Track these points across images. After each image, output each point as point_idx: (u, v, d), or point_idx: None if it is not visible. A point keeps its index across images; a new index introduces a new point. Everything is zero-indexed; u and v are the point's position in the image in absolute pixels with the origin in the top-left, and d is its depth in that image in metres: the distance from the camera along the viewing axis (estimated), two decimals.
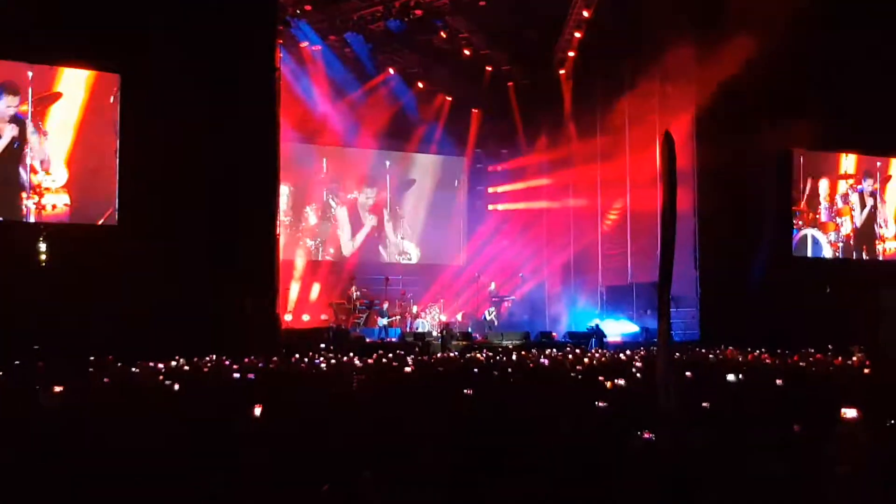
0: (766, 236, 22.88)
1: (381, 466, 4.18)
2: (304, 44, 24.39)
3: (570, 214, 27.86)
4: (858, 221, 25.76)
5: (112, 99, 18.92)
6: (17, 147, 18.31)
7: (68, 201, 18.61)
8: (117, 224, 18.68)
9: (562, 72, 26.18)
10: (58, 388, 7.37)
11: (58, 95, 18.64)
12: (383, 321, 24.84)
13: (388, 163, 28.94)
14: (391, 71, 26.55)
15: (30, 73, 18.47)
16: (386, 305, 25.41)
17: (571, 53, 25.29)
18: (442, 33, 24.94)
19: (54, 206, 18.50)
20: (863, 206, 25.86)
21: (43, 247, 17.39)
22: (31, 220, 18.31)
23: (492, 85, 27.46)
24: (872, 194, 25.97)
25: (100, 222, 18.76)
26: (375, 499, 3.87)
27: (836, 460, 4.35)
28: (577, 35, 24.51)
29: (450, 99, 27.83)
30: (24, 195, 18.33)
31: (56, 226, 18.22)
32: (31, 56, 18.30)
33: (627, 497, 3.99)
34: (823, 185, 25.25)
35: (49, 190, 18.49)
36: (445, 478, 4.19)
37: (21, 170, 18.31)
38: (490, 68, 26.83)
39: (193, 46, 18.38)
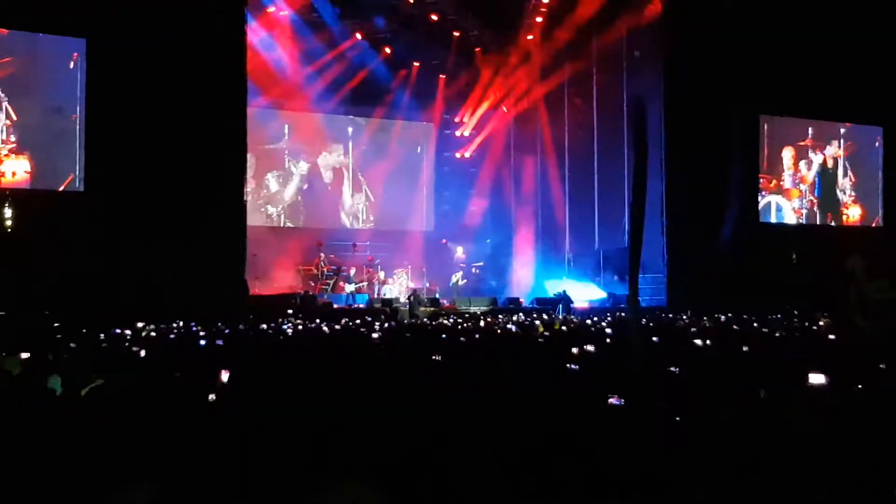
0: (733, 202, 23.01)
1: None
2: (271, 9, 24.05)
3: (538, 180, 27.91)
4: (821, 188, 25.99)
5: (72, 64, 18.60)
6: None
7: (28, 168, 18.35)
8: (84, 190, 18.47)
9: (529, 37, 26.09)
10: (24, 355, 7.26)
11: (14, 62, 18.26)
12: (351, 287, 24.80)
13: (350, 129, 28.73)
14: (358, 36, 26.26)
15: None
16: (353, 271, 25.37)
17: (539, 19, 25.20)
18: None
19: (14, 174, 18.22)
20: (824, 172, 26.08)
21: (8, 213, 17.13)
22: None
23: (459, 50, 27.30)
24: (835, 161, 26.20)
25: (60, 188, 18.53)
26: None
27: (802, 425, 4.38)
28: (546, 0, 24.41)
29: (417, 65, 27.63)
30: None
31: (20, 192, 17.95)
32: None
33: (598, 463, 4.00)
34: (787, 151, 25.43)
35: (8, 156, 18.22)
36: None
37: None
38: (457, 34, 26.65)
39: (160, 11, 18.08)
